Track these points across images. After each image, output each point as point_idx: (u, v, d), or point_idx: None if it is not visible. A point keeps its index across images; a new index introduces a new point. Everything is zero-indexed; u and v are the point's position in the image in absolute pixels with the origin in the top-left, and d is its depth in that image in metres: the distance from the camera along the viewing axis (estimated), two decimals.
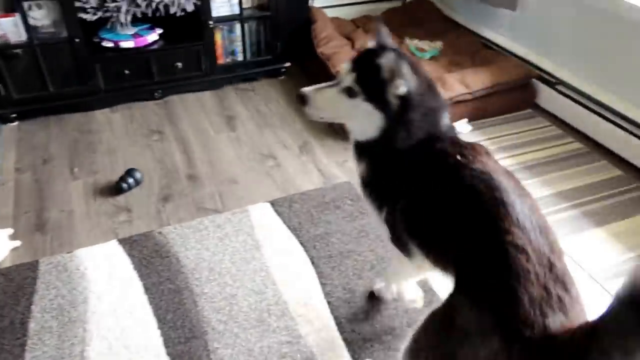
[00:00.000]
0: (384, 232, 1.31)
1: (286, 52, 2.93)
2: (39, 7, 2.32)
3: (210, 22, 2.61)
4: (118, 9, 2.37)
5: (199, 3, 2.52)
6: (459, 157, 1.08)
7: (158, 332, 1.53)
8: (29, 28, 2.31)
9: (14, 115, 2.49)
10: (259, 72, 2.93)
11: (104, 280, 1.70)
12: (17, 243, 1.83)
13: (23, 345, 1.49)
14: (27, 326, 1.55)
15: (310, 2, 3.08)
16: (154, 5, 2.43)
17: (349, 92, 1.15)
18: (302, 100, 1.22)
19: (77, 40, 2.39)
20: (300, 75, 2.99)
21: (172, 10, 2.47)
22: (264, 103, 2.75)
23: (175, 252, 1.81)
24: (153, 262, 1.76)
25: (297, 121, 2.58)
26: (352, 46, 2.91)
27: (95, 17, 2.37)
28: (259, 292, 1.65)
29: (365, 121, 1.16)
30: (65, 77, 2.48)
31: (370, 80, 1.13)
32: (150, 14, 2.47)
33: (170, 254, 1.80)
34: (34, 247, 1.83)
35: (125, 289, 1.67)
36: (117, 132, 2.48)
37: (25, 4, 2.27)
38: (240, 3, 2.66)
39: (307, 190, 2.11)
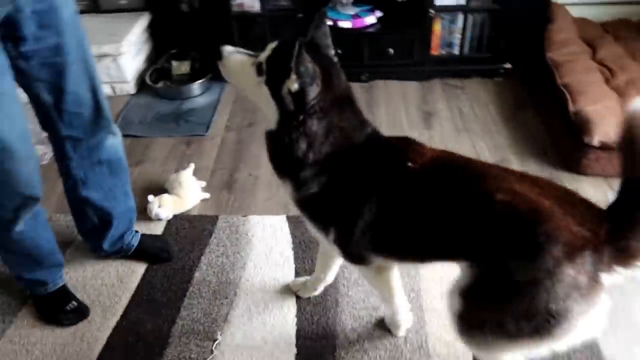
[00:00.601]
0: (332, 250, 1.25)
1: (509, 51, 2.62)
2: None
3: (432, 11, 2.47)
4: None
5: None
6: (410, 164, 1.06)
7: (295, 320, 1.55)
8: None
9: None
10: (473, 70, 2.69)
11: (264, 252, 1.79)
12: (207, 195, 2.04)
13: (185, 290, 1.67)
14: (193, 274, 1.72)
15: None
16: None
17: (259, 69, 1.08)
18: (218, 55, 1.13)
19: (299, 15, 2.50)
20: (519, 80, 2.65)
21: None
22: (470, 104, 2.52)
23: None
24: (310, 248, 1.78)
25: (502, 133, 2.30)
26: (592, 56, 2.45)
27: None
28: None
29: (263, 105, 1.11)
30: None
31: (276, 64, 1.05)
32: None
33: None
34: (218, 203, 2.01)
35: (280, 267, 1.73)
36: None
37: None
38: None
39: None
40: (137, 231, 1.77)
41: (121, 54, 2.60)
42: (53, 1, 1.19)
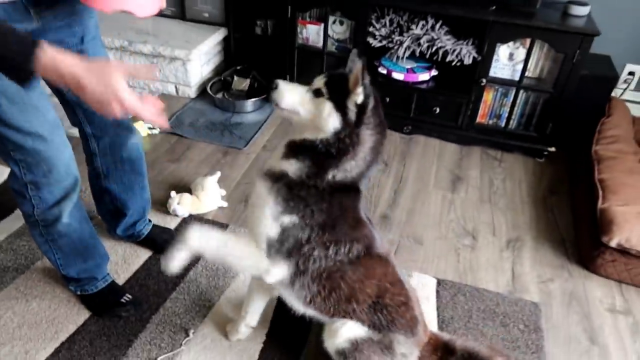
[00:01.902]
0: (260, 230, 1.24)
1: (557, 135, 2.59)
2: (341, 23, 2.63)
3: (483, 80, 2.51)
4: (401, 43, 2.50)
5: (479, 59, 2.45)
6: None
7: (264, 338, 1.62)
8: (326, 38, 2.65)
9: None
10: (516, 146, 2.68)
11: None
12: (225, 204, 2.16)
13: (176, 285, 1.78)
14: (187, 272, 1.83)
15: (614, 92, 2.64)
16: (434, 49, 2.47)
17: (316, 93, 1.21)
18: (275, 86, 1.23)
19: None
20: (563, 166, 2.62)
21: (450, 58, 2.47)
22: (503, 178, 2.51)
23: None
24: None
25: (526, 213, 2.28)
26: None
27: (379, 44, 2.55)
28: None
29: (322, 118, 1.19)
30: None
31: (337, 86, 1.18)
32: (427, 56, 2.52)
33: None
34: (232, 213, 2.14)
35: None
36: None
37: (331, 18, 2.61)
38: (523, 70, 2.47)
39: (485, 288, 1.87)
40: (150, 221, 1.91)
41: (190, 60, 2.83)
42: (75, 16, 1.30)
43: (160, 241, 1.90)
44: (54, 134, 1.30)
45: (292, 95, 1.24)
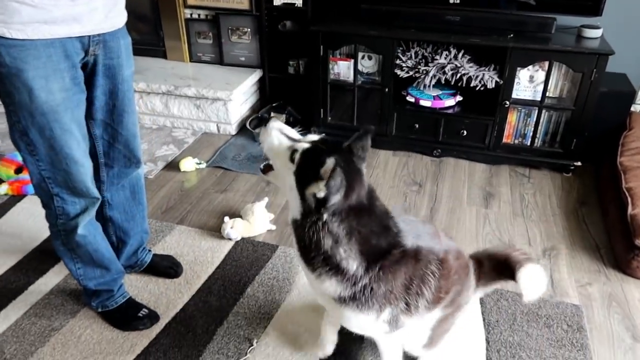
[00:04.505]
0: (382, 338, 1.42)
1: (581, 150, 2.71)
2: (369, 58, 2.84)
3: (507, 102, 2.66)
4: (427, 73, 2.69)
5: (500, 82, 2.61)
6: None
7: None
8: (356, 72, 2.85)
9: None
10: (543, 162, 2.80)
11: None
12: (273, 227, 2.32)
13: (235, 300, 1.93)
14: (245, 288, 1.98)
15: (633, 107, 2.76)
16: (458, 76, 2.65)
17: (292, 156, 1.12)
18: (265, 122, 1.19)
19: (387, 89, 2.82)
20: (590, 179, 2.72)
21: (474, 83, 2.64)
22: (533, 193, 2.63)
23: None
24: None
25: (559, 224, 2.38)
26: None
27: (406, 75, 2.74)
28: None
29: (287, 190, 1.15)
30: (368, 117, 2.95)
31: (308, 163, 1.10)
32: (452, 83, 2.70)
33: None
34: (281, 236, 2.29)
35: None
36: (388, 173, 2.81)
37: (360, 54, 2.82)
38: (544, 91, 2.62)
39: None
40: (150, 250, 2.03)
41: (231, 100, 3.06)
42: (119, 59, 1.50)
43: (162, 268, 2.01)
44: (85, 159, 1.49)
45: (275, 147, 1.15)
